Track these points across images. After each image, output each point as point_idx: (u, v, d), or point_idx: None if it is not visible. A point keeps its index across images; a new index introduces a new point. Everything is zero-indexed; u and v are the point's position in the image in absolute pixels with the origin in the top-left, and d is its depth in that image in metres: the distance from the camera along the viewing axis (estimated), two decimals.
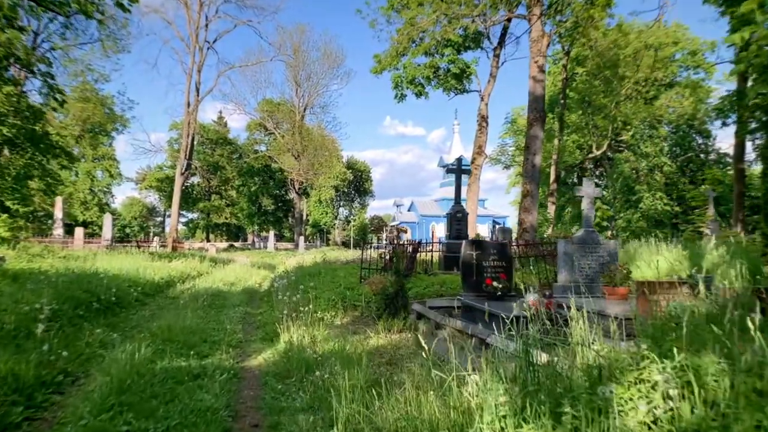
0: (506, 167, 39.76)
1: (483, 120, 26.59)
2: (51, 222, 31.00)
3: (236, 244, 59.12)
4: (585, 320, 4.62)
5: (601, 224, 28.98)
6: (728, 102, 18.70)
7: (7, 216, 18.01)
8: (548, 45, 18.91)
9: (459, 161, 15.34)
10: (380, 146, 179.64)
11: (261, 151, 61.86)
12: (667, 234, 16.21)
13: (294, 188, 55.52)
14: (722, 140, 66.49)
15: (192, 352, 7.71)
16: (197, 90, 36.93)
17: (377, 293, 11.01)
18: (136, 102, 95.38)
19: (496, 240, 14.45)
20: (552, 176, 30.38)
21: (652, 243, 12.09)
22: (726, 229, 18.87)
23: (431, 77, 26.31)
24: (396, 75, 26.63)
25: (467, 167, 17.37)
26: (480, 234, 24.02)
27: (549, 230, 27.58)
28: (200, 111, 75.60)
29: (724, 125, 19.17)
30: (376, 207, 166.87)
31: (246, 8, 38.48)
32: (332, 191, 61.32)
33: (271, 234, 53.06)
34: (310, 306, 9.44)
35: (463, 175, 16.42)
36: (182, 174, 36.84)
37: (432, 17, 22.18)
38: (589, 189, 9.77)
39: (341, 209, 76.14)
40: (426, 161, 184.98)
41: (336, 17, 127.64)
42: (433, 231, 52.81)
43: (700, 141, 36.35)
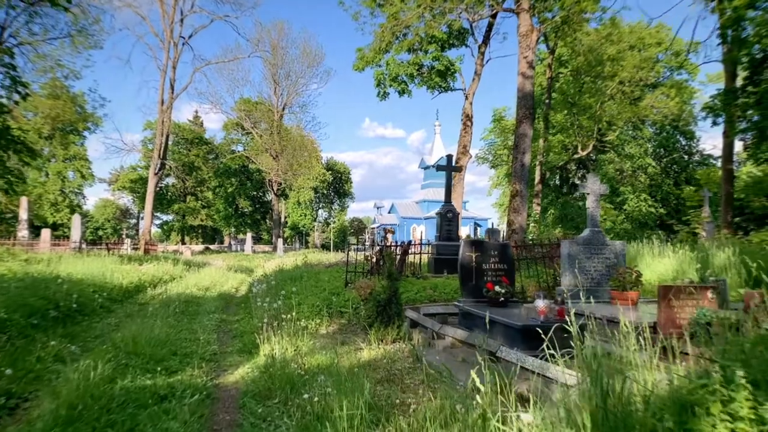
0: (493, 166, 39.17)
1: (468, 119, 25.97)
2: (17, 223, 29.56)
3: (212, 247, 57.73)
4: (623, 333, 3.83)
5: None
6: (720, 100, 18.24)
7: None
8: (537, 40, 18.31)
9: (449, 158, 14.60)
10: (360, 148, 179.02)
11: (238, 151, 60.49)
12: (661, 235, 15.70)
13: (272, 189, 54.32)
14: (705, 141, 67.03)
15: (159, 368, 6.80)
16: (172, 87, 35.71)
17: (366, 299, 10.18)
18: (108, 100, 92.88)
19: (497, 240, 13.70)
20: (537, 177, 29.88)
21: (655, 244, 11.47)
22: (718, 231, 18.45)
23: (415, 75, 25.60)
24: (379, 72, 25.87)
25: (457, 167, 16.64)
26: (467, 235, 23.21)
27: (535, 232, 27.01)
28: (176, 111, 74.06)
29: (715, 124, 18.77)
30: (356, 209, 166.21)
31: (223, 3, 37.25)
32: (311, 193, 60.31)
33: (249, 236, 51.84)
34: (293, 313, 8.58)
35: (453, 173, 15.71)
36: (156, 174, 35.54)
37: (416, 12, 21.46)
38: (595, 186, 9.09)
39: (320, 211, 75.12)
40: (406, 163, 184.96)
41: (315, 16, 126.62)
42: (414, 233, 52.12)
43: (684, 142, 36.26)
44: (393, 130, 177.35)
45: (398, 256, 11.60)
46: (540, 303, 6.66)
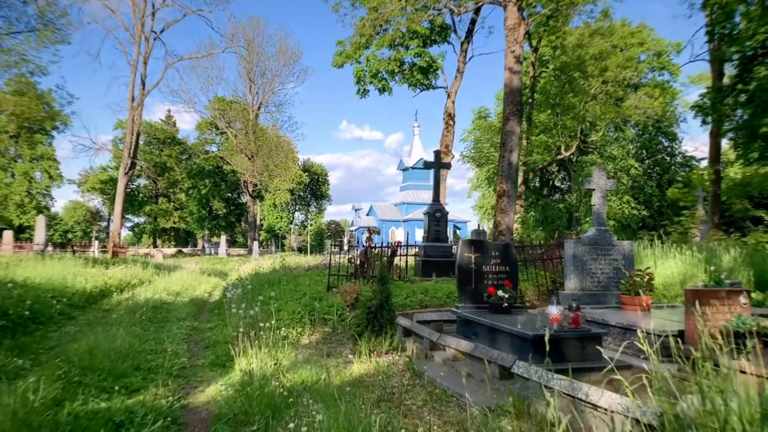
0: (479, 165, 38.57)
1: (450, 118, 25.33)
2: None
3: (185, 250, 56.19)
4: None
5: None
6: (709, 98, 17.85)
7: None
8: (525, 34, 17.71)
9: (438, 154, 13.85)
10: (337, 150, 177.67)
11: (212, 152, 58.97)
12: (649, 237, 15.20)
13: (247, 191, 53.02)
14: (686, 143, 67.54)
15: (118, 386, 5.88)
16: (143, 83, 34.38)
17: (351, 304, 9.36)
18: (77, 97, 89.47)
19: (496, 241, 12.96)
20: (520, 178, 29.37)
21: (658, 246, 10.86)
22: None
23: (396, 71, 24.87)
24: (359, 69, 25.09)
25: (446, 162, 15.91)
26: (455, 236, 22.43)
27: (518, 234, 26.44)
28: (147, 111, 72.21)
29: (705, 123, 18.38)
30: (333, 212, 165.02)
31: None
32: (288, 195, 59.04)
33: (223, 239, 50.51)
34: (272, 321, 7.71)
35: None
36: (126, 174, 34.17)
37: (398, 4, 20.72)
38: (601, 181, 8.41)
39: (297, 214, 73.90)
40: (384, 166, 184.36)
41: (291, 14, 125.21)
42: (393, 235, 51.36)
43: (666, 144, 36.18)
44: (371, 132, 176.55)
45: (387, 259, 10.80)
46: (553, 310, 5.92)
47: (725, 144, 23.36)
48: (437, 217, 13.05)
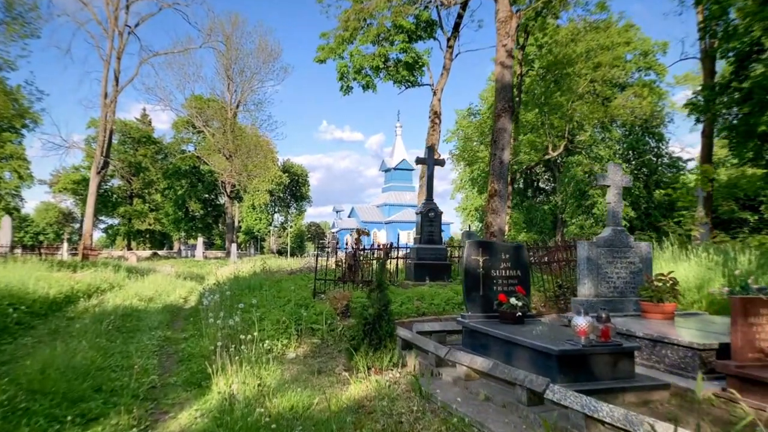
0: (469, 164, 37.86)
1: (436, 116, 24.62)
2: None
3: (161, 253, 54.61)
4: None
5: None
6: (703, 96, 17.34)
7: None
8: (517, 26, 17.04)
9: (431, 150, 13.06)
10: (317, 151, 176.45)
11: (189, 151, 57.38)
12: (651, 238, 14.67)
13: (225, 192, 51.68)
14: (673, 144, 67.74)
15: (72, 415, 4.97)
16: (116, 79, 32.94)
17: (342, 312, 8.52)
18: (47, 93, 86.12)
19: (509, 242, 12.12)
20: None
21: (667, 248, 10.20)
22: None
23: (380, 67, 24.03)
24: (342, 64, 24.20)
25: (440, 158, 15.11)
26: (450, 238, 21.57)
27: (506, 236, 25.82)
28: (122, 110, 70.31)
29: (699, 122, 17.94)
30: (313, 214, 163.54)
31: None
32: (267, 196, 57.73)
33: (200, 241, 49.12)
34: (255, 333, 6.83)
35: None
36: (98, 173, 32.73)
37: None
38: (617, 176, 7.69)
39: (276, 215, 72.54)
40: (364, 167, 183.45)
41: (270, 11, 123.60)
42: (376, 238, 50.52)
43: (653, 144, 35.93)
44: (351, 133, 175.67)
45: (380, 261, 9.96)
46: (580, 321, 5.14)
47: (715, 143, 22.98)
48: (431, 218, 12.24)
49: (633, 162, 35.17)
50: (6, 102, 46.53)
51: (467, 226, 31.93)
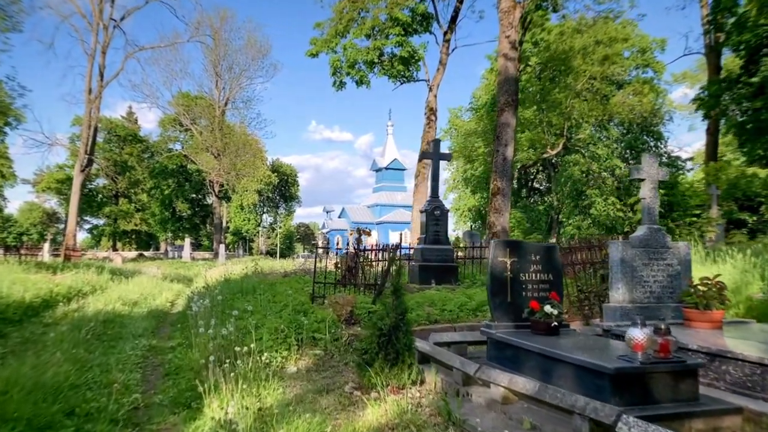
0: (470, 161, 37.08)
1: (432, 113, 23.97)
2: None
3: (147, 254, 53.42)
4: None
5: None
6: (712, 91, 16.73)
7: None
8: (521, 17, 16.37)
9: (436, 144, 12.26)
10: (305, 151, 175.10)
11: (176, 150, 56.16)
12: None
13: (213, 191, 50.61)
14: (671, 143, 67.58)
15: None
16: (101, 74, 31.92)
17: (347, 319, 7.75)
18: (29, 89, 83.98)
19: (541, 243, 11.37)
20: None
21: (695, 250, 9.53)
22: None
23: (375, 62, 23.30)
24: (335, 58, 23.48)
25: (446, 153, 14.31)
26: (456, 237, 20.71)
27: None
28: (108, 108, 68.76)
29: (707, 117, 17.39)
30: (302, 214, 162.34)
31: None
32: (255, 196, 56.67)
33: (187, 242, 48.04)
34: (252, 345, 6.03)
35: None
36: (82, 171, 31.71)
37: None
38: (652, 169, 6.98)
39: (265, 216, 71.42)
40: (353, 168, 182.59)
41: (259, 7, 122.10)
42: (367, 238, 49.70)
43: (652, 143, 35.45)
44: (340, 133, 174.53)
45: (386, 263, 9.22)
46: (638, 333, 4.41)
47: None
48: (436, 216, 11.46)
49: (631, 162, 34.64)
50: None
51: (469, 226, 31.22)
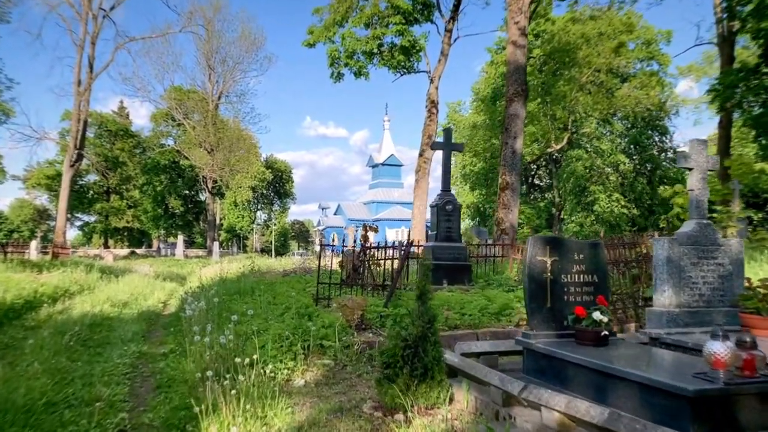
0: (475, 154, 36.38)
1: (433, 105, 23.24)
2: None
3: (139, 251, 52.46)
4: None
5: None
6: (726, 83, 16.05)
7: None
8: (530, 2, 15.68)
9: (448, 133, 11.48)
10: (300, 148, 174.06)
11: (168, 145, 55.10)
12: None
13: (206, 188, 49.68)
14: (676, 138, 67.23)
15: None
16: (90, 66, 30.97)
17: (358, 325, 7.02)
18: (17, 81, 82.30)
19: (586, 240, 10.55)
20: None
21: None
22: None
23: (375, 52, 22.55)
24: (332, 49, 22.75)
25: (458, 144, 13.51)
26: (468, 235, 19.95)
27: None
28: (99, 103, 67.61)
29: (722, 110, 16.80)
30: (296, 211, 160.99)
31: None
32: (249, 192, 55.75)
33: (180, 239, 47.13)
34: (255, 356, 5.28)
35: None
36: (72, 166, 30.78)
37: None
38: (701, 158, 6.26)
39: (259, 213, 70.49)
40: (348, 164, 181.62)
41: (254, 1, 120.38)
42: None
43: (657, 138, 34.84)
44: (335, 130, 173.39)
45: (400, 262, 8.47)
46: (719, 347, 3.68)
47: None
48: (448, 211, 10.69)
49: (636, 157, 34.03)
50: None
51: (468, 223, 30.56)
